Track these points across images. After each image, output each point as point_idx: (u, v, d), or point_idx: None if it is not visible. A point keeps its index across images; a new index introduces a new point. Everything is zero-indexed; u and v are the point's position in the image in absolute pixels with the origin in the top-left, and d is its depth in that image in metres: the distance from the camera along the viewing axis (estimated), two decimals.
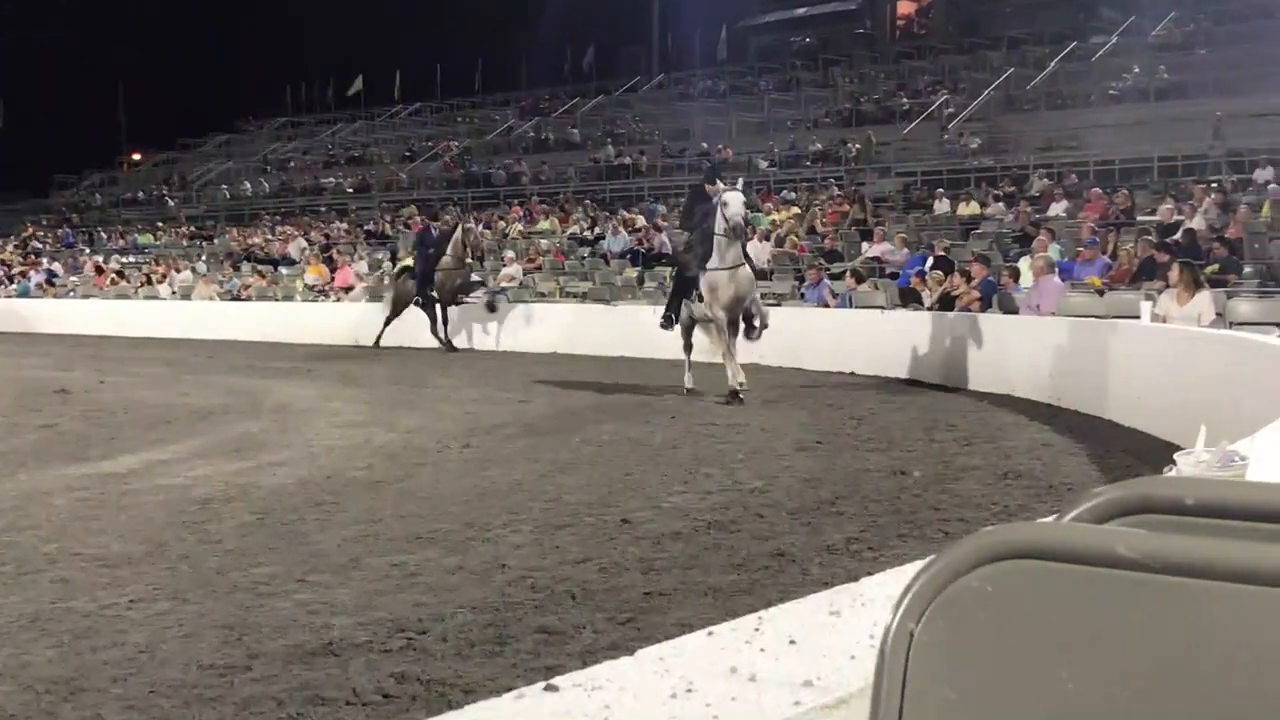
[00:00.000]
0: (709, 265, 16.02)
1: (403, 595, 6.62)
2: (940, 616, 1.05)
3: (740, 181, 17.65)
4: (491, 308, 26.22)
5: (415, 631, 5.92)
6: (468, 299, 26.56)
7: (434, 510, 9.09)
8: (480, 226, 33.89)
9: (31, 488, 10.36)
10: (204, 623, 6.17)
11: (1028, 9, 50.89)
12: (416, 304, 26.37)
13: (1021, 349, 16.79)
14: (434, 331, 26.34)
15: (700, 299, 16.41)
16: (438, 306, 26.28)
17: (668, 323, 17.12)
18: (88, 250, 47.18)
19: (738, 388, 15.98)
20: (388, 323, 27.04)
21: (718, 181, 17.17)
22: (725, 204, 15.76)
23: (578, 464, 11.26)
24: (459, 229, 27.18)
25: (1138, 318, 15.21)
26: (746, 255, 16.79)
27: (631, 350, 22.24)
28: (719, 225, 15.83)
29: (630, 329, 22.92)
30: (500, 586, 6.75)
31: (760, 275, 17.78)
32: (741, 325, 16.67)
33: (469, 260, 27.24)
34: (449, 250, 26.08)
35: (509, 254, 32.43)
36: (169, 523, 8.76)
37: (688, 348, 17.16)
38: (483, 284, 27.28)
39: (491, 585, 6.79)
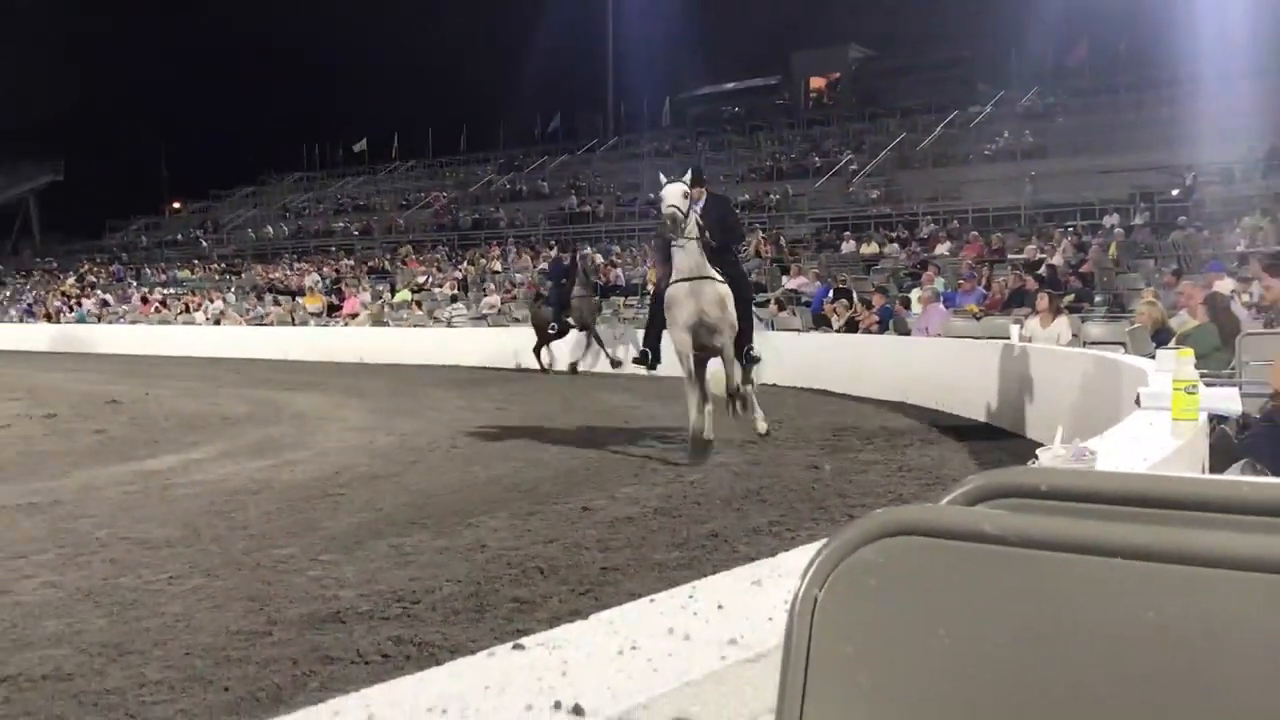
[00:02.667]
0: (672, 279, 11.31)
1: (399, 571, 6.58)
2: (840, 584, 1.05)
3: (690, 174, 11.29)
4: (615, 364, 22.61)
5: (409, 601, 5.89)
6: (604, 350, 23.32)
7: (426, 500, 9.06)
8: (592, 251, 31.92)
9: (87, 482, 10.25)
10: (231, 595, 6.12)
11: (917, 84, 51.30)
12: (551, 329, 23.71)
13: (914, 364, 16.89)
14: (536, 351, 23.92)
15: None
16: (574, 333, 23.63)
17: (644, 357, 12.25)
18: (135, 284, 46.85)
19: (765, 426, 12.22)
20: (539, 346, 24.08)
21: (662, 180, 11.33)
22: (661, 199, 11.02)
23: (546, 461, 11.24)
24: (577, 258, 24.94)
25: (1008, 339, 15.32)
26: (732, 260, 12.05)
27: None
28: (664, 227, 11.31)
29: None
30: (481, 564, 6.73)
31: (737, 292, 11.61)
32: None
33: (597, 283, 24.83)
34: (578, 280, 23.47)
35: (490, 285, 32.39)
36: (202, 511, 8.69)
37: (691, 382, 11.66)
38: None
39: (473, 562, 6.76)
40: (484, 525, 7.98)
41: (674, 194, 11.04)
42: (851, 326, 20.40)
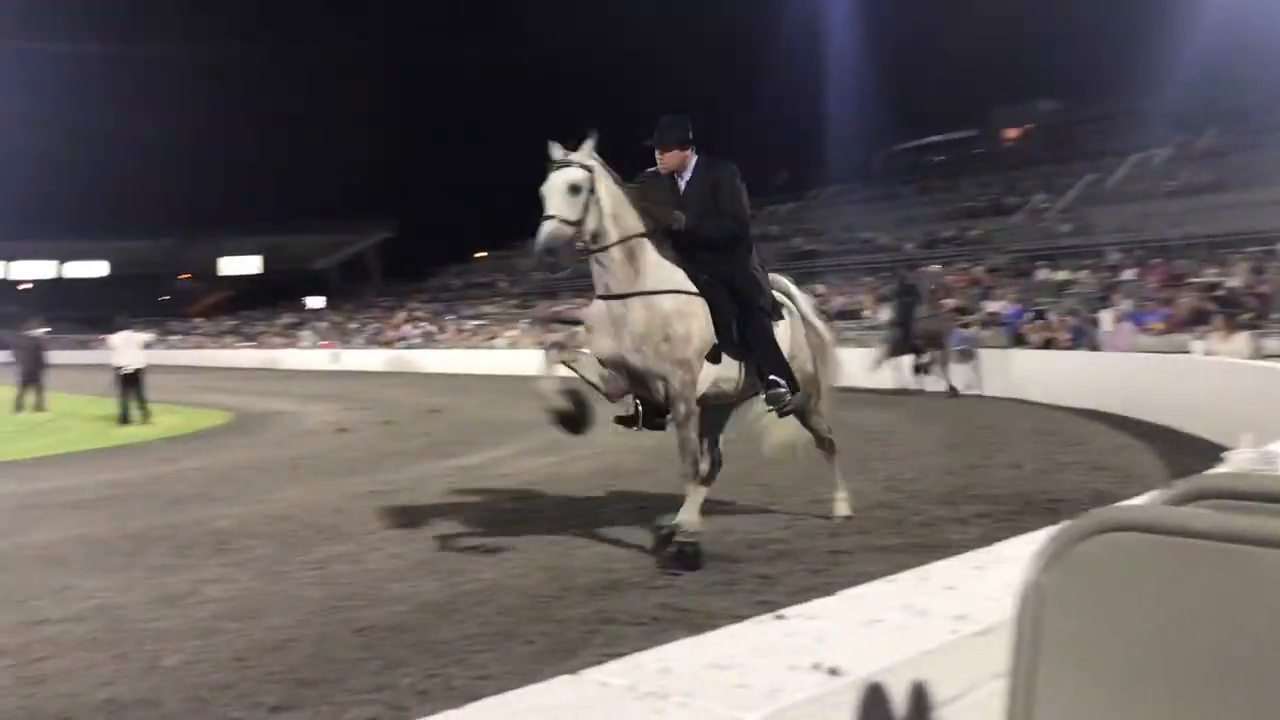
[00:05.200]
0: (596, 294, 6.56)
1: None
2: (1063, 572, 1.04)
3: (589, 145, 6.14)
4: (952, 392, 19.01)
5: (673, 574, 5.97)
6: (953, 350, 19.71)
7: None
8: (938, 268, 28.00)
9: (419, 475, 10.80)
10: (532, 566, 6.33)
11: (1102, 129, 48.72)
12: (903, 351, 19.88)
13: (1105, 376, 16.09)
14: (918, 371, 19.77)
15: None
16: (926, 353, 19.55)
17: (627, 421, 7.34)
18: (451, 317, 48.94)
19: (674, 531, 6.30)
20: (919, 367, 19.83)
21: (554, 156, 6.15)
22: (543, 198, 6.05)
23: (777, 462, 11.16)
24: (919, 277, 21.80)
25: (1191, 353, 14.44)
26: (728, 261, 6.91)
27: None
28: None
29: None
30: (730, 545, 6.76)
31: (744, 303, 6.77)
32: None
33: (944, 304, 21.53)
34: (923, 299, 20.16)
35: None
36: (507, 498, 9.02)
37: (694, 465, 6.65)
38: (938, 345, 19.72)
39: (724, 543, 6.80)
40: (731, 513, 8.01)
41: (555, 191, 6.01)
42: (1047, 344, 19.57)
